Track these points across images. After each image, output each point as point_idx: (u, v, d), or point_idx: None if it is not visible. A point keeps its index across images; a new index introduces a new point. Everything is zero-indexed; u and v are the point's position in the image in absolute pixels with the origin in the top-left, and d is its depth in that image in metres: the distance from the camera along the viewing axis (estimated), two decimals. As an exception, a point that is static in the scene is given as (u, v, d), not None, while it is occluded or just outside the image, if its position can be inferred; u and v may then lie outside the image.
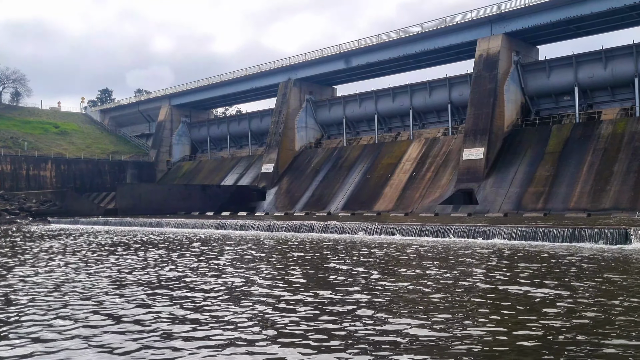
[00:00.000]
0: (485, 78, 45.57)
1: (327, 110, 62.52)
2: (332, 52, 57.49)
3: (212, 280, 11.95)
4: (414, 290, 10.35)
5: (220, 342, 6.80)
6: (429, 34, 49.87)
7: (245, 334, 7.16)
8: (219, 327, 7.53)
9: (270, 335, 7.07)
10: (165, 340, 6.91)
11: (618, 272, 12.50)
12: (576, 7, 41.60)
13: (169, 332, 7.28)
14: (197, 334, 7.18)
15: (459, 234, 22.99)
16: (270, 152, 61.15)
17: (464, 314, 8.17)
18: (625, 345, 6.36)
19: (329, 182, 54.43)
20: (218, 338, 6.98)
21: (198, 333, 7.24)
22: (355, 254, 17.23)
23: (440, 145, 49.44)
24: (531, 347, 6.38)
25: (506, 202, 40.05)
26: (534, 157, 41.83)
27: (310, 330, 7.29)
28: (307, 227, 29.19)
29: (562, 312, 8.22)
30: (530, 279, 11.56)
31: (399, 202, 46.53)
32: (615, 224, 21.87)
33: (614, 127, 39.92)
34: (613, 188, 36.16)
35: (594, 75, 43.40)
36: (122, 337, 7.04)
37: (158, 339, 6.97)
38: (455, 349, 6.33)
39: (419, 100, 54.32)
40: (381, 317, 7.95)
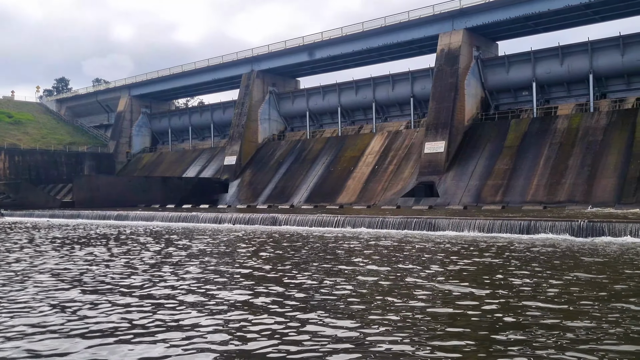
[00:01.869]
0: (447, 72, 46.21)
1: (290, 103, 62.34)
2: (295, 44, 57.27)
3: (140, 279, 11.79)
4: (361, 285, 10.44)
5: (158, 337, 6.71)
6: (392, 27, 50.20)
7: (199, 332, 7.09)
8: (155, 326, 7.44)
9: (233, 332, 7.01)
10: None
11: (570, 263, 12.89)
12: (534, 4, 42.52)
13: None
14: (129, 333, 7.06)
15: (420, 226, 23.35)
16: (233, 144, 60.62)
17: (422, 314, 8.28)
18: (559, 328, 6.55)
19: (292, 175, 54.37)
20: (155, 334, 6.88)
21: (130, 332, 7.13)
22: (325, 248, 17.26)
23: (403, 139, 49.95)
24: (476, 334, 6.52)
25: (466, 194, 40.81)
26: (493, 150, 42.71)
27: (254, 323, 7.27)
28: (269, 220, 29.13)
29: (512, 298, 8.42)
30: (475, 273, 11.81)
31: (362, 194, 46.86)
32: (569, 216, 22.59)
33: (569, 122, 41.09)
34: (568, 181, 37.26)
35: (551, 71, 44.52)
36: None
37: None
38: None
39: (382, 93, 54.71)
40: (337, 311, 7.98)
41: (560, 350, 5.96)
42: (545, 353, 5.88)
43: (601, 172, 36.47)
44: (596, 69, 42.29)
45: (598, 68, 42.26)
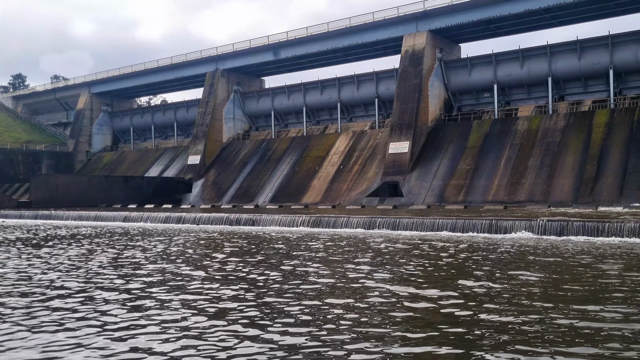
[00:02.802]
0: (411, 74, 46.70)
1: (255, 102, 61.98)
2: (260, 43, 56.96)
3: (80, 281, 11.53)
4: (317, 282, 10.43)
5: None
6: (357, 28, 50.45)
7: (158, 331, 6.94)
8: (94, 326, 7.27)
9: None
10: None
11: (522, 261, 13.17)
12: (496, 8, 43.38)
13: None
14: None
15: (384, 225, 23.53)
16: (197, 144, 59.90)
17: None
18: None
19: (257, 175, 54.07)
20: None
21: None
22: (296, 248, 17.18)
23: (368, 139, 50.27)
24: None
25: (430, 194, 41.33)
26: (456, 151, 43.38)
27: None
28: (233, 220, 28.90)
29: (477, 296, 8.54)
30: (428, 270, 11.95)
31: (327, 194, 46.95)
32: (526, 215, 23.14)
33: (529, 124, 42.07)
34: (528, 181, 38.14)
35: (512, 73, 45.50)
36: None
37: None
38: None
39: (347, 93, 54.94)
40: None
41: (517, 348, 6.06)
42: (506, 353, 5.96)
43: (559, 172, 37.46)
44: (555, 72, 43.42)
45: (556, 71, 43.40)
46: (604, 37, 41.31)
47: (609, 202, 33.53)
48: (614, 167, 35.77)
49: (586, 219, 20.26)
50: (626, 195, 33.89)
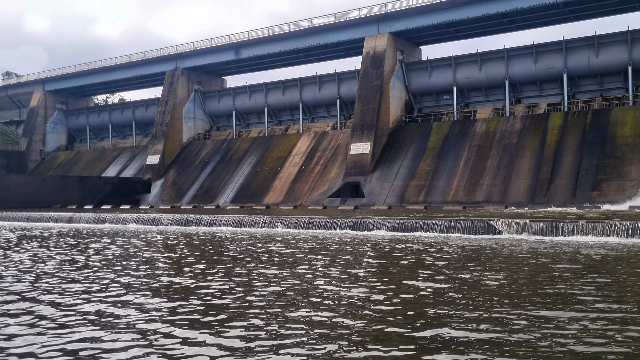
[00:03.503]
0: (372, 75, 47.06)
1: (216, 102, 61.34)
2: (221, 43, 56.38)
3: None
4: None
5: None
6: (318, 29, 50.51)
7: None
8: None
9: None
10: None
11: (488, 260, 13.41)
12: (455, 12, 44.13)
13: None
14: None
15: (346, 226, 23.61)
16: (156, 143, 58.85)
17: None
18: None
19: (218, 175, 53.52)
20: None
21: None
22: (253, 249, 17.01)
23: (329, 139, 50.40)
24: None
25: (391, 195, 41.72)
26: (417, 152, 43.93)
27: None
28: (195, 220, 28.51)
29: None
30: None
31: (289, 195, 46.85)
32: (483, 215, 23.62)
33: (487, 126, 42.96)
34: (486, 182, 38.94)
35: (471, 76, 46.38)
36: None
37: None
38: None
39: (309, 94, 54.95)
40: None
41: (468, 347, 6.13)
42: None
43: (516, 173, 38.38)
44: (512, 75, 44.47)
45: (513, 74, 44.46)
46: (558, 42, 42.56)
47: (562, 202, 34.54)
48: (567, 169, 36.88)
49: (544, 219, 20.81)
50: (579, 195, 34.99)
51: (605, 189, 34.73)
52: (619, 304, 8.10)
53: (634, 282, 10.20)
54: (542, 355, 5.78)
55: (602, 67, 41.21)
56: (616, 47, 40.57)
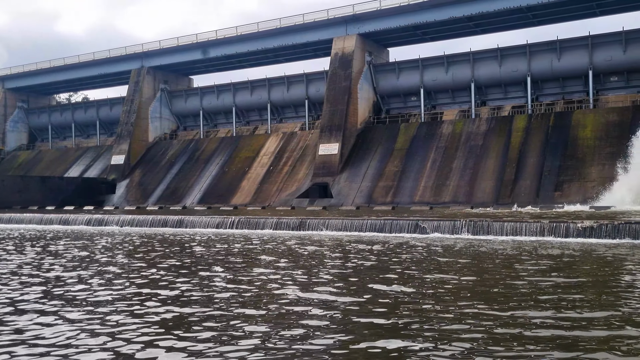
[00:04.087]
0: (340, 76, 47.21)
1: (183, 101, 60.60)
2: (189, 42, 55.73)
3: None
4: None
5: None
6: (287, 29, 50.42)
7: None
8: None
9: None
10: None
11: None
12: (422, 14, 44.63)
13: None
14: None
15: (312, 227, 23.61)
16: (121, 143, 57.81)
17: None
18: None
19: (184, 175, 52.90)
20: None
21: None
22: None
23: (298, 140, 50.35)
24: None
25: (359, 195, 41.92)
26: (384, 153, 44.26)
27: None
28: (160, 222, 28.08)
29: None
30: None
31: (257, 195, 46.63)
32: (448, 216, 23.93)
33: (453, 127, 43.58)
34: (452, 183, 39.49)
35: (437, 78, 46.96)
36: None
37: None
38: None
39: (277, 94, 54.79)
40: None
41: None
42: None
43: (481, 174, 39.04)
44: (477, 78, 45.21)
45: (479, 77, 45.20)
46: (522, 46, 43.46)
47: (526, 203, 35.25)
48: (531, 170, 37.69)
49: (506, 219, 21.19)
50: (542, 196, 35.79)
51: (567, 190, 35.62)
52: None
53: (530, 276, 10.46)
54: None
55: (564, 70, 42.26)
56: (577, 51, 41.67)
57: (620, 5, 41.61)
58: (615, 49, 40.30)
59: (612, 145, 36.28)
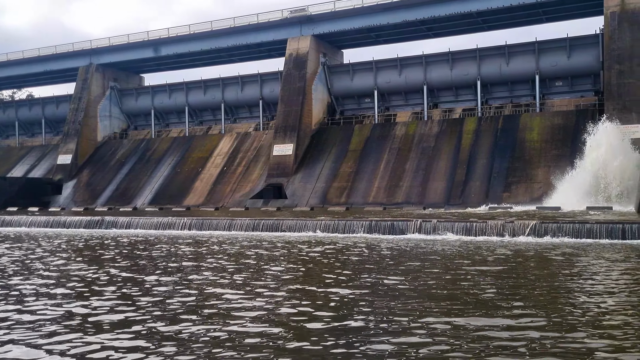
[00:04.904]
0: (295, 77, 47.16)
1: (134, 100, 59.17)
2: (140, 39, 54.46)
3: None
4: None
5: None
6: (241, 29, 49.99)
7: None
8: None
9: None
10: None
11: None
12: (376, 17, 45.10)
13: None
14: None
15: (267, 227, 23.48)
16: (68, 142, 55.95)
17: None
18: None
19: (135, 175, 51.67)
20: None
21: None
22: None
23: (252, 140, 49.99)
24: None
25: (313, 196, 41.97)
26: (339, 154, 44.47)
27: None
28: (109, 223, 27.30)
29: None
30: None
31: (210, 196, 46.03)
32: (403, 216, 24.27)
33: (406, 129, 44.20)
34: (405, 184, 40.04)
35: (391, 80, 47.52)
36: None
37: None
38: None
39: (231, 94, 54.22)
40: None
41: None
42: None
43: (433, 175, 39.74)
44: (429, 80, 45.98)
45: (431, 80, 45.99)
46: (472, 50, 44.48)
47: (476, 203, 36.11)
48: (481, 171, 38.63)
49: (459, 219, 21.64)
50: (491, 197, 36.72)
51: (514, 191, 36.68)
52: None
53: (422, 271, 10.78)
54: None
55: (512, 75, 43.51)
56: (525, 56, 42.98)
57: (565, 13, 43.24)
58: (560, 55, 41.78)
59: (557, 148, 37.59)
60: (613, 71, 36.56)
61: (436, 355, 5.79)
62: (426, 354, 5.85)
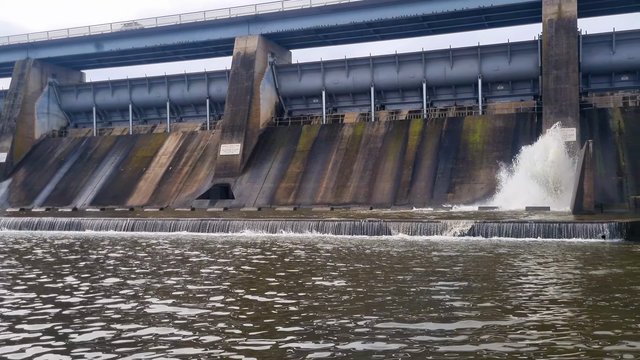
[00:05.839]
0: (243, 76, 46.74)
1: (74, 97, 57.09)
2: (81, 34, 52.62)
3: None
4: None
5: None
6: (187, 26, 49.11)
7: None
8: None
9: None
10: None
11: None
12: (324, 18, 45.29)
13: None
14: None
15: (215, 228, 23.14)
16: (3, 140, 53.42)
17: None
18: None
19: (76, 175, 49.88)
20: None
21: None
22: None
23: (198, 140, 49.21)
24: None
25: (261, 196, 41.70)
26: (287, 154, 44.38)
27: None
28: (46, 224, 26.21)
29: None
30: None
31: (155, 196, 45.00)
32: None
33: (354, 130, 44.58)
34: (352, 184, 40.37)
35: (339, 82, 47.81)
36: None
37: None
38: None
39: (177, 92, 53.16)
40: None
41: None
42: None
43: (380, 176, 40.24)
44: (376, 82, 46.54)
45: (378, 82, 46.56)
46: (418, 54, 45.32)
47: (422, 203, 36.82)
48: (426, 172, 39.41)
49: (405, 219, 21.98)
50: (436, 197, 37.53)
51: (458, 191, 37.62)
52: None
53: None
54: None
55: (456, 78, 44.60)
56: (468, 60, 44.14)
57: (506, 19, 44.74)
58: (501, 60, 43.15)
59: (498, 150, 38.79)
60: (551, 76, 38.09)
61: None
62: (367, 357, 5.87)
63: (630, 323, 6.98)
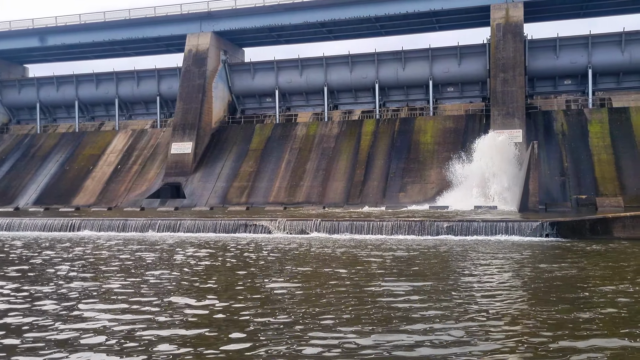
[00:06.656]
0: (195, 74, 46.04)
1: (16, 92, 54.81)
2: (23, 27, 50.58)
3: None
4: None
5: None
6: (137, 21, 47.97)
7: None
8: None
9: None
10: None
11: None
12: (277, 17, 45.11)
13: None
14: None
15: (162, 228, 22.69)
16: (-61, 136, 50.77)
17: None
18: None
19: (18, 173, 47.94)
20: None
21: None
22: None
23: (148, 138, 48.17)
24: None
25: (213, 196, 41.19)
26: (239, 153, 43.99)
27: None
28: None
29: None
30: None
31: (102, 195, 43.78)
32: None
33: (307, 129, 44.61)
34: (306, 183, 40.40)
35: (292, 81, 47.72)
36: None
37: None
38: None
39: (126, 89, 51.83)
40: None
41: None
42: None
43: (333, 175, 40.43)
44: (330, 82, 46.71)
45: (331, 81, 46.74)
46: (371, 54, 45.74)
47: (374, 203, 37.21)
48: (378, 172, 39.84)
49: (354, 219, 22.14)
50: (388, 196, 38.01)
51: (410, 191, 38.21)
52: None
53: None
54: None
55: (408, 79, 45.25)
56: (420, 62, 44.87)
57: (456, 22, 45.78)
58: (451, 62, 44.07)
59: (448, 150, 39.60)
60: (498, 79, 39.20)
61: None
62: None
63: (570, 311, 7.24)
